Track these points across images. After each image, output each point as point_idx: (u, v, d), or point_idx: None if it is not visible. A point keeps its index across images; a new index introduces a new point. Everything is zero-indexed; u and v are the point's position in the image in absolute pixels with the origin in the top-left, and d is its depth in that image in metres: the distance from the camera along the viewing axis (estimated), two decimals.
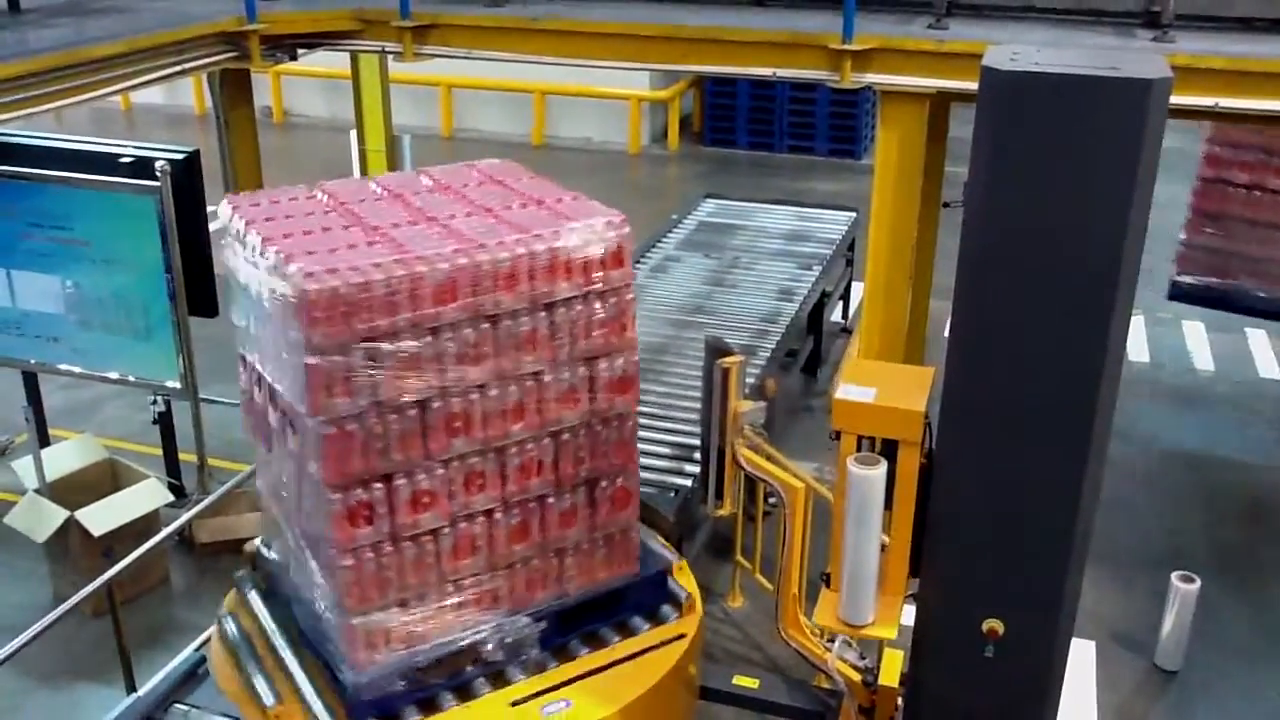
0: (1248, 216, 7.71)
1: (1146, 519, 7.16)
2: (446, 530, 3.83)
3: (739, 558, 6.03)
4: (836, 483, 4.00)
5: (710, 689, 4.69)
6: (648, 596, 4.33)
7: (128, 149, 6.60)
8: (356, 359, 3.50)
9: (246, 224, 3.85)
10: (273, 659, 4.02)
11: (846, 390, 3.96)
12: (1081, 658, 5.77)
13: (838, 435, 3.97)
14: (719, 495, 4.75)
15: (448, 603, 3.90)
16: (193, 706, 4.13)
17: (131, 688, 4.83)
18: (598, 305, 3.91)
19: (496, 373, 3.78)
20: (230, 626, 4.16)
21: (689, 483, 5.46)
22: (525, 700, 3.88)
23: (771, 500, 5.91)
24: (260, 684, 3.87)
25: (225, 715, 4.04)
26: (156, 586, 6.33)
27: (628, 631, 4.23)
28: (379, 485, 3.65)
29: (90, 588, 4.78)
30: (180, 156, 6.45)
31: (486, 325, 3.72)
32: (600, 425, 4.05)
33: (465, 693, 3.92)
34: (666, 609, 4.33)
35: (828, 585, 4.24)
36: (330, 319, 3.42)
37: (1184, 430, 8.31)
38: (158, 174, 6.22)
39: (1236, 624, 6.18)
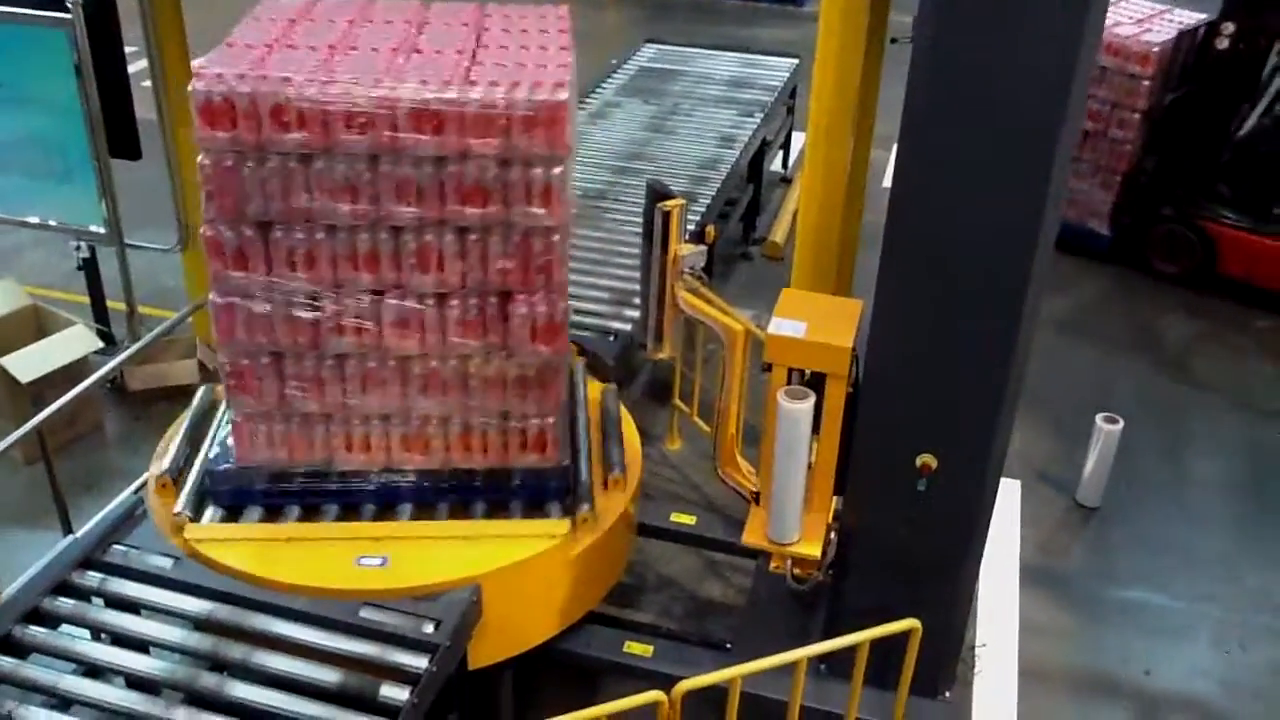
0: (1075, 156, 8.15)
1: (1076, 366, 7.36)
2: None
3: (677, 401, 6.10)
4: (766, 412, 4.09)
5: (649, 525, 4.80)
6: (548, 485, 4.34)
7: None
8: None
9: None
10: None
11: (778, 325, 4.06)
12: (1008, 495, 5.98)
13: (769, 367, 4.08)
14: (658, 339, 4.77)
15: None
16: (131, 547, 4.11)
17: (69, 531, 4.80)
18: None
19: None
20: None
21: (628, 327, 5.47)
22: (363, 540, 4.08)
23: (710, 346, 5.96)
24: None
25: (165, 554, 4.04)
26: (90, 433, 6.26)
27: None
28: None
29: (20, 431, 4.69)
30: None
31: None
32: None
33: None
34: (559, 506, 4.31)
35: (756, 503, 4.36)
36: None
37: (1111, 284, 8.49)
38: (69, 6, 5.90)
39: (1154, 462, 6.43)
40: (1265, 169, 7.93)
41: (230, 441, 4.21)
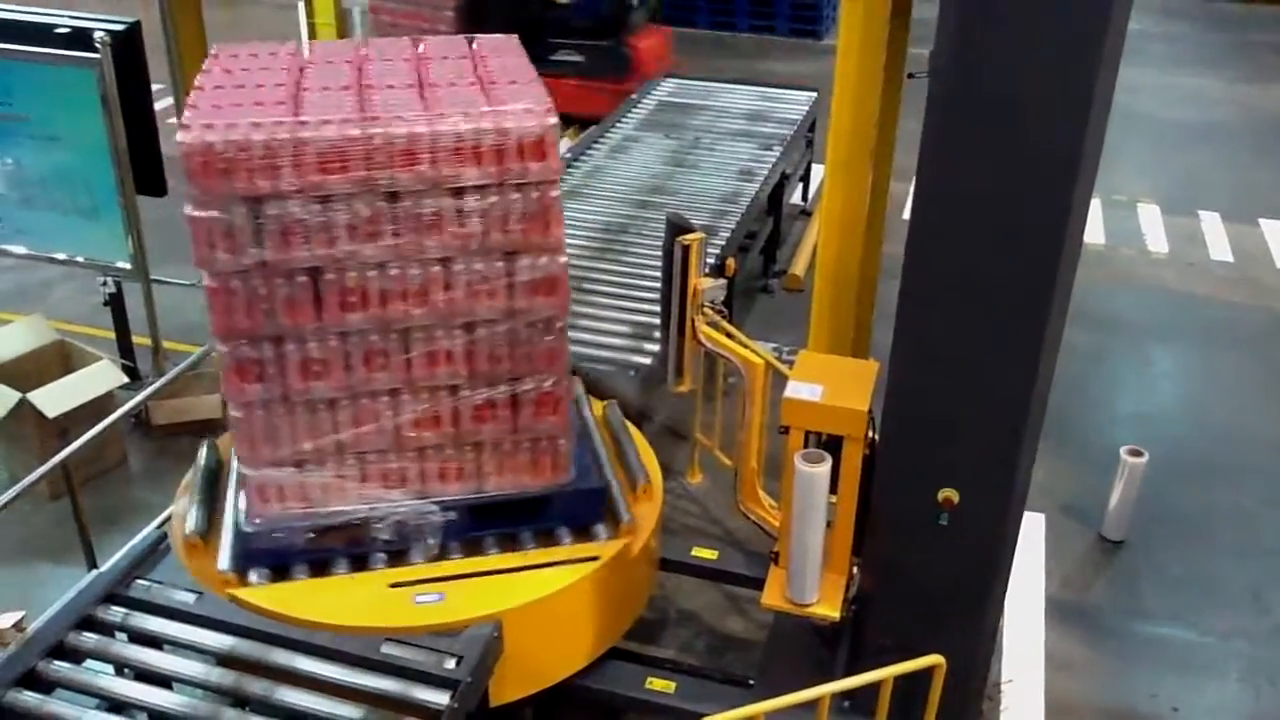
0: None
1: (1099, 398, 7.31)
2: (345, 402, 3.97)
3: (698, 434, 6.09)
4: (784, 476, 4.11)
5: (670, 560, 4.79)
6: (578, 510, 4.35)
7: (64, 19, 6.34)
8: (238, 217, 3.69)
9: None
10: None
11: (795, 389, 4.09)
12: (1032, 529, 5.93)
13: (786, 430, 4.11)
14: (679, 372, 4.77)
15: (347, 473, 4.06)
16: (155, 582, 4.13)
17: (93, 565, 4.83)
18: (515, 197, 3.83)
19: (396, 253, 3.81)
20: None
21: (649, 361, 5.47)
22: (406, 584, 4.03)
23: (731, 379, 5.96)
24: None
25: (188, 590, 4.05)
26: (114, 468, 6.30)
27: (549, 541, 4.28)
28: (269, 345, 3.83)
29: (46, 467, 4.73)
30: (120, 28, 6.20)
31: (382, 201, 3.75)
32: (524, 327, 4.03)
33: (358, 563, 4.14)
34: (599, 528, 4.32)
35: (776, 563, 4.36)
36: (208, 173, 3.64)
37: (1136, 311, 8.43)
38: (97, 45, 6.00)
39: (1180, 497, 6.36)
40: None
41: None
